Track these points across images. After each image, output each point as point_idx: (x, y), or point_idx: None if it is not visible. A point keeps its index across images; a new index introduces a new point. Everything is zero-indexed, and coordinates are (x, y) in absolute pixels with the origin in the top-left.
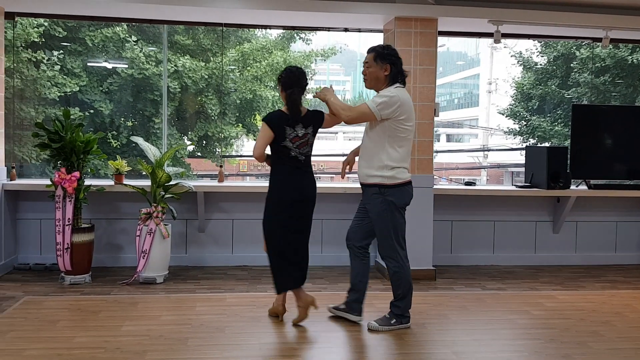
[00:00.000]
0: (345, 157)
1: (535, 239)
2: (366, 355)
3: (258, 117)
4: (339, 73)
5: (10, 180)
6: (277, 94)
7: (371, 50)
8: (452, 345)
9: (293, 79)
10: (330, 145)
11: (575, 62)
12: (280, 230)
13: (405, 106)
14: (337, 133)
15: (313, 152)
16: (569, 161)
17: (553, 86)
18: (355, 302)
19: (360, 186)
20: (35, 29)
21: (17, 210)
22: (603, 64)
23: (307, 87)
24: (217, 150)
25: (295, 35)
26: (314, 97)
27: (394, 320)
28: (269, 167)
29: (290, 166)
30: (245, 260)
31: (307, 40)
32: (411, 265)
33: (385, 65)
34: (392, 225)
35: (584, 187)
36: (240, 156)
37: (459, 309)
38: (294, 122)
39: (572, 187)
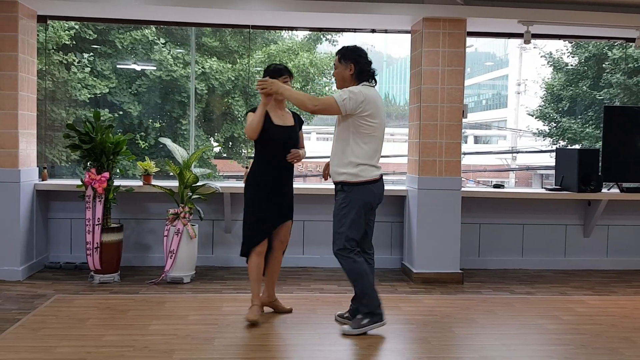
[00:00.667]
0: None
1: (565, 243)
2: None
3: None
4: None
5: (42, 180)
6: None
7: (337, 52)
8: (480, 349)
9: None
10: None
11: (607, 63)
12: None
13: (371, 103)
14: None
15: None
16: (600, 164)
17: (584, 87)
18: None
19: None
20: (66, 31)
21: (49, 209)
22: (636, 65)
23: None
24: (243, 151)
25: (321, 36)
26: (260, 92)
27: (366, 320)
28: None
29: None
30: None
31: (333, 42)
32: (438, 268)
33: (349, 65)
34: (349, 223)
35: (615, 190)
36: None
37: (487, 313)
38: None
39: (604, 190)
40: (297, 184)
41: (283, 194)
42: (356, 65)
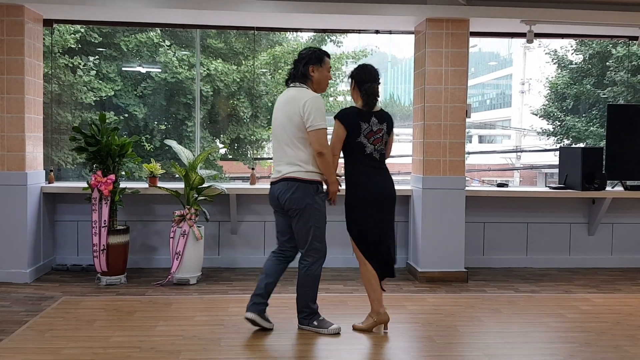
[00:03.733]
0: None
1: (569, 241)
2: (398, 358)
3: None
4: None
5: (49, 183)
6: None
7: None
8: (485, 348)
9: (369, 75)
10: None
11: (611, 61)
12: (370, 230)
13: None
14: None
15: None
16: (604, 162)
17: (588, 85)
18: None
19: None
20: (72, 35)
21: (55, 212)
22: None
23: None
24: (249, 152)
25: (326, 37)
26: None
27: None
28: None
29: (368, 166)
30: None
31: (338, 43)
32: (442, 266)
33: None
34: None
35: (620, 188)
36: (272, 159)
37: (492, 312)
38: (368, 116)
39: (608, 188)
40: None
41: None
42: None
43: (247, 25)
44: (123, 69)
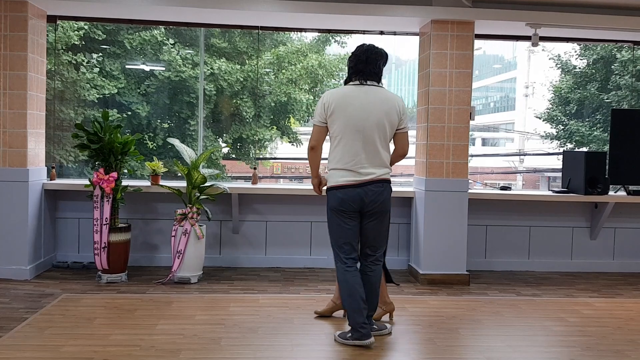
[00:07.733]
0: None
1: (571, 245)
2: None
3: (292, 120)
4: None
5: (50, 180)
6: (312, 97)
7: None
8: (486, 351)
9: None
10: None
11: (615, 65)
12: None
13: (334, 104)
14: None
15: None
16: (607, 166)
17: (592, 89)
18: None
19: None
20: (76, 32)
21: (57, 209)
22: None
23: None
24: (251, 152)
25: (330, 38)
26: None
27: (349, 334)
28: (302, 170)
29: None
30: (278, 262)
31: (342, 44)
32: (444, 269)
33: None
34: (329, 230)
35: (622, 193)
36: (274, 159)
37: (493, 315)
38: None
39: (611, 192)
40: (305, 185)
41: None
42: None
43: (251, 24)
44: (126, 66)
